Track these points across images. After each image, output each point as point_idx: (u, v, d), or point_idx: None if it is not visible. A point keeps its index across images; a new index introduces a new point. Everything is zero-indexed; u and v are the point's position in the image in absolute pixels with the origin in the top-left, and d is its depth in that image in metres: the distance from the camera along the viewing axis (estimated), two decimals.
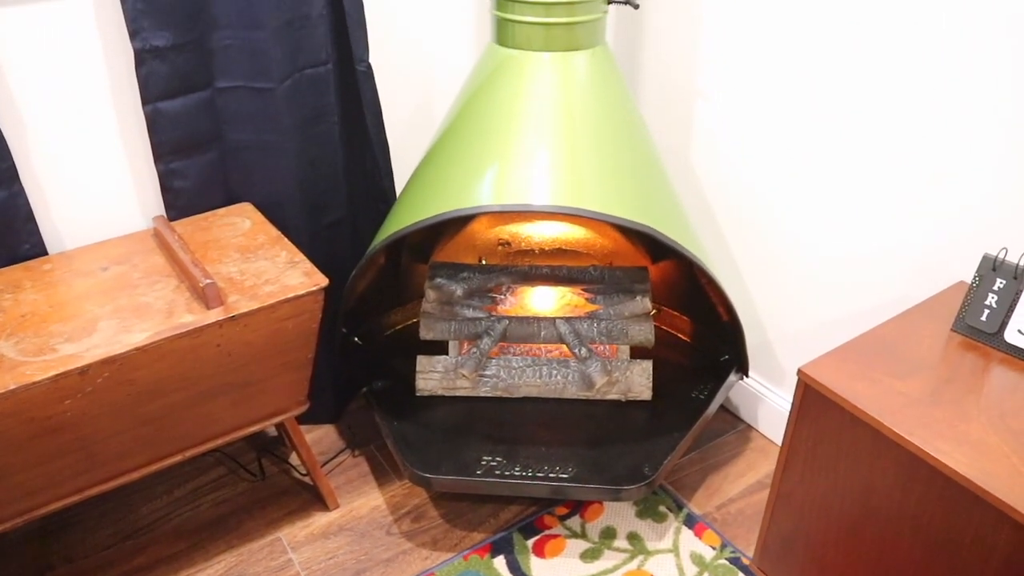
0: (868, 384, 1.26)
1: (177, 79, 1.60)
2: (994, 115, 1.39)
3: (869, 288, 1.70)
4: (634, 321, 1.84)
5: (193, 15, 1.56)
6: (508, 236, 2.04)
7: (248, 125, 1.70)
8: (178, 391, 1.47)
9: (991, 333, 1.33)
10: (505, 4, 1.59)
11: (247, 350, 1.49)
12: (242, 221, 1.71)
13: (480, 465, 1.70)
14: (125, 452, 1.50)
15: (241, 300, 1.45)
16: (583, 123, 1.59)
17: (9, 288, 1.50)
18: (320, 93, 1.75)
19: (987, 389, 1.25)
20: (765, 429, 2.08)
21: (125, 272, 1.55)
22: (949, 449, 1.14)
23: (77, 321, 1.41)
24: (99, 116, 1.62)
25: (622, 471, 1.69)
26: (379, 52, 1.83)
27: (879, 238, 1.64)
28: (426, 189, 1.66)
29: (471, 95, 1.68)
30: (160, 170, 1.67)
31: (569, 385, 1.86)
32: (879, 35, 1.51)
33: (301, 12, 1.64)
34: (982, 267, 1.34)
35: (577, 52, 1.61)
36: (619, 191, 1.59)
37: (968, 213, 1.48)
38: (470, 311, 1.87)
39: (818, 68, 1.64)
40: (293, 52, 1.67)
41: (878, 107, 1.56)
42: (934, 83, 1.46)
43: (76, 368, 1.30)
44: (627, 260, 2.02)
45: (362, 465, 2.01)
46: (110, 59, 1.58)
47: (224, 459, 2.01)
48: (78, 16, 1.52)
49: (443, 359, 1.87)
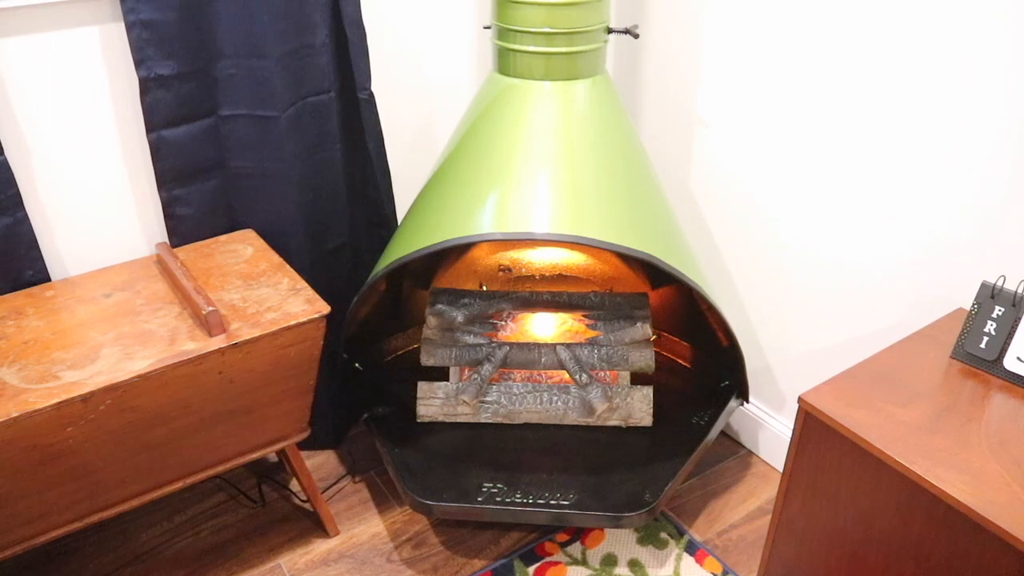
0: (869, 412, 1.26)
1: (181, 107, 1.61)
2: (990, 144, 1.40)
3: (869, 314, 1.71)
4: (634, 347, 1.85)
5: (198, 44, 1.58)
6: (509, 262, 2.05)
7: (251, 152, 1.71)
8: (180, 418, 1.47)
9: (990, 360, 1.34)
10: (506, 34, 1.61)
11: (249, 377, 1.50)
12: (244, 248, 1.72)
13: (481, 492, 1.70)
14: (126, 479, 1.50)
15: (243, 327, 1.46)
16: (583, 151, 1.61)
17: (12, 315, 1.51)
18: (323, 121, 1.76)
19: (987, 417, 1.25)
20: (766, 455, 2.08)
21: (128, 299, 1.56)
22: (950, 477, 1.14)
23: (80, 348, 1.41)
24: (103, 143, 1.63)
25: (623, 498, 1.69)
26: (381, 80, 1.85)
27: (879, 264, 1.65)
28: (428, 216, 1.67)
29: (472, 123, 1.69)
30: (163, 197, 1.68)
31: (570, 411, 1.86)
32: (879, 65, 1.53)
33: (305, 41, 1.66)
34: (980, 295, 1.35)
35: (578, 81, 1.62)
36: (619, 218, 1.60)
37: (967, 240, 1.49)
38: (471, 337, 1.87)
39: (819, 95, 1.65)
40: (296, 80, 1.68)
41: (877, 135, 1.57)
42: (932, 114, 1.47)
43: (78, 396, 1.30)
44: (627, 286, 2.03)
45: (363, 491, 2.00)
46: (115, 87, 1.60)
47: (224, 485, 2.01)
48: (84, 45, 1.54)
49: (444, 385, 1.87)
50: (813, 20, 1.61)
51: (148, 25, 1.50)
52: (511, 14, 1.58)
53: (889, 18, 1.48)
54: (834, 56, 1.59)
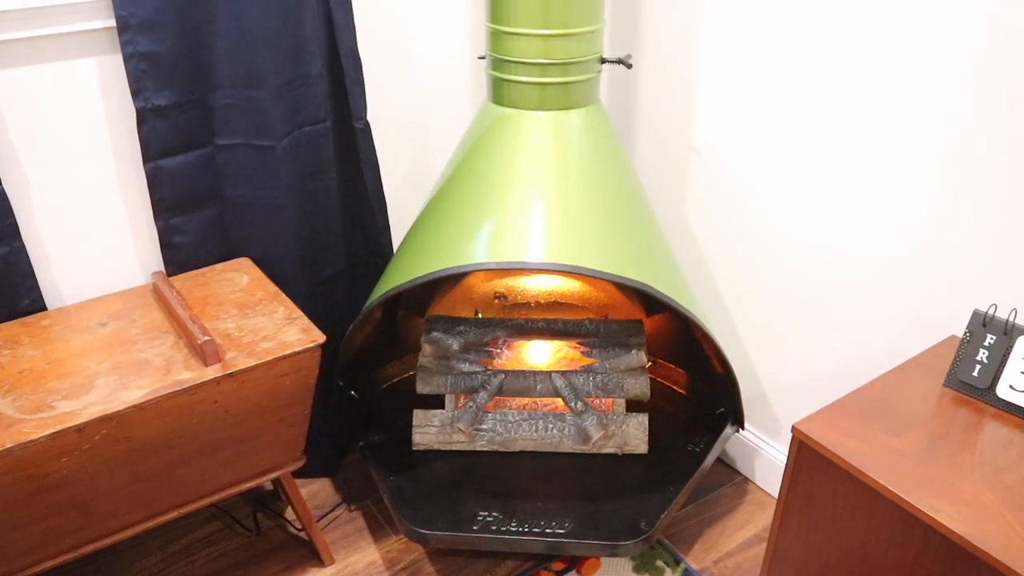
0: (862, 441, 1.26)
1: (178, 137, 1.62)
2: (981, 174, 1.42)
3: (862, 342, 1.72)
4: (630, 374, 1.85)
5: (195, 75, 1.59)
6: (504, 289, 2.05)
7: (247, 181, 1.72)
8: (175, 448, 1.47)
9: (983, 388, 1.34)
10: (501, 65, 1.62)
11: (244, 406, 1.50)
12: (240, 276, 1.72)
13: (476, 520, 1.69)
14: (121, 509, 1.49)
15: (239, 357, 1.46)
16: (578, 180, 1.62)
17: (8, 344, 1.51)
18: (319, 150, 1.77)
19: (981, 445, 1.25)
20: (762, 481, 2.08)
21: (123, 328, 1.56)
22: (944, 507, 1.14)
23: (75, 378, 1.41)
24: (100, 172, 1.64)
25: (619, 526, 1.68)
26: (377, 110, 1.86)
27: (872, 292, 1.66)
28: (423, 245, 1.68)
29: (467, 152, 1.70)
30: (160, 226, 1.68)
31: (565, 439, 1.86)
32: (870, 95, 1.54)
33: (301, 71, 1.68)
34: (972, 323, 1.35)
35: (572, 111, 1.64)
36: (614, 247, 1.61)
37: (958, 268, 1.50)
38: (466, 365, 1.88)
39: (812, 123, 1.67)
40: (293, 110, 1.70)
41: (869, 165, 1.59)
42: (924, 145, 1.49)
43: (73, 426, 1.30)
44: (622, 313, 2.04)
45: (358, 520, 2.00)
46: (112, 117, 1.61)
47: (219, 513, 2.00)
48: (82, 76, 1.55)
49: (439, 413, 1.87)
50: (806, 50, 1.62)
51: (146, 56, 1.52)
52: (505, 45, 1.59)
53: (882, 50, 1.50)
54: (827, 84, 1.61)
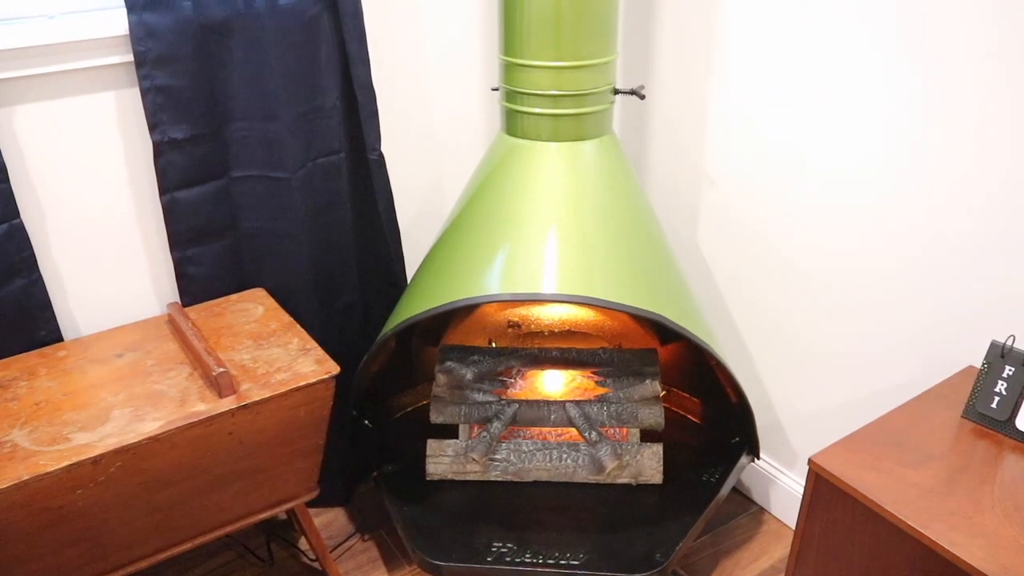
0: (880, 474, 1.25)
1: (194, 169, 1.64)
2: (998, 205, 1.41)
3: (879, 372, 1.70)
4: (644, 404, 1.84)
5: (211, 108, 1.61)
6: (518, 318, 2.05)
7: (262, 213, 1.73)
8: (189, 479, 1.47)
9: (1002, 420, 1.33)
10: (514, 96, 1.63)
11: (259, 438, 1.50)
12: (255, 307, 1.73)
13: (491, 552, 1.68)
14: (135, 541, 1.49)
15: (253, 388, 1.46)
16: (591, 211, 1.62)
17: (24, 375, 1.52)
18: (333, 181, 1.79)
19: (1000, 479, 1.24)
20: (778, 512, 2.06)
21: (139, 359, 1.57)
22: (964, 542, 1.13)
23: (91, 409, 1.42)
24: (117, 205, 1.66)
25: (634, 557, 1.67)
26: (391, 141, 1.88)
27: (888, 322, 1.65)
28: (437, 276, 1.68)
29: (481, 183, 1.71)
30: (175, 257, 1.70)
31: (579, 469, 1.85)
32: (885, 122, 1.54)
33: (315, 104, 1.69)
34: (990, 354, 1.34)
35: (585, 141, 1.64)
36: (627, 277, 1.61)
37: (976, 299, 1.49)
38: (480, 395, 1.87)
39: (826, 153, 1.66)
40: (307, 142, 1.71)
41: (885, 194, 1.58)
42: (939, 174, 1.48)
43: (88, 458, 1.31)
44: (636, 342, 2.03)
45: (372, 550, 1.99)
46: (129, 150, 1.63)
47: (233, 543, 2.00)
48: (100, 110, 1.57)
49: (453, 443, 1.86)
50: (818, 79, 1.63)
51: (163, 91, 1.54)
52: (518, 77, 1.60)
53: (901, 83, 1.50)
54: (841, 112, 1.61)
